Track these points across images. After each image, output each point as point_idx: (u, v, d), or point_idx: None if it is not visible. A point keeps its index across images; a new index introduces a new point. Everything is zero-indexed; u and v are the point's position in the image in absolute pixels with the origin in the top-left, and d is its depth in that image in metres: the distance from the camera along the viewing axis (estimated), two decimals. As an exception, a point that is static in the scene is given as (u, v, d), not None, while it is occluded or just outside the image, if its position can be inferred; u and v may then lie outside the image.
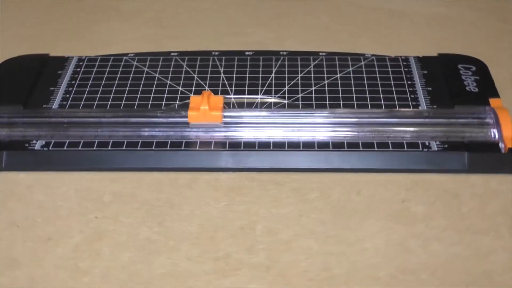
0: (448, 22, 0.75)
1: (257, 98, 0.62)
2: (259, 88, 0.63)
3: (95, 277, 0.49)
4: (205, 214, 0.54)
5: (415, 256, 0.50)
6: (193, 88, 0.64)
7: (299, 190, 0.55)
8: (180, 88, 0.64)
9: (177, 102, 0.62)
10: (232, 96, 0.62)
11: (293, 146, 0.57)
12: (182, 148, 0.57)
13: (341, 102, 0.61)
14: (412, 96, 0.62)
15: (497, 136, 0.57)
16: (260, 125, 0.58)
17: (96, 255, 0.51)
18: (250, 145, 0.57)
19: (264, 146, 0.57)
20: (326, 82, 0.64)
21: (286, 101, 0.62)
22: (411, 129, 0.58)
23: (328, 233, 0.52)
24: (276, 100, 0.62)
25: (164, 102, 0.62)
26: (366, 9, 0.78)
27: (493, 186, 0.55)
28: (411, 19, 0.76)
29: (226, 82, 0.64)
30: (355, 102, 0.61)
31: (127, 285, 0.48)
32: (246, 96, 0.63)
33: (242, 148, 0.57)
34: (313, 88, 0.63)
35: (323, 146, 0.57)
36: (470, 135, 0.57)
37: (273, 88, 0.63)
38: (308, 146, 0.57)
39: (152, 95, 0.63)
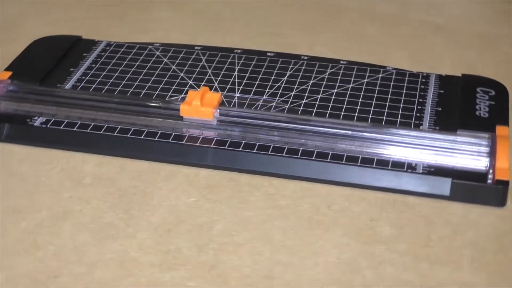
0: (490, 42, 0.71)
1: (259, 99, 0.62)
2: (267, 90, 0.63)
3: (47, 253, 0.51)
4: (172, 207, 0.54)
5: (361, 277, 0.48)
6: (203, 83, 0.64)
7: (273, 195, 0.55)
8: (190, 82, 0.64)
9: (181, 95, 0.62)
10: (233, 94, 0.62)
11: (278, 151, 0.57)
12: (170, 140, 0.58)
13: (342, 113, 0.60)
14: (417, 114, 0.60)
15: (489, 166, 0.54)
16: (250, 126, 0.58)
17: (55, 233, 0.52)
18: (236, 145, 0.57)
19: (249, 147, 0.57)
20: (335, 91, 0.63)
21: (286, 106, 0.61)
22: (398, 148, 0.56)
23: (284, 242, 0.51)
24: (277, 104, 0.61)
25: (169, 94, 0.63)
26: (412, 22, 0.75)
27: (471, 217, 0.53)
28: (454, 35, 0.73)
29: (236, 80, 0.64)
30: (356, 114, 0.60)
31: (73, 265, 0.50)
32: (244, 95, 0.62)
33: (227, 147, 0.57)
34: (319, 96, 0.62)
35: (306, 154, 0.56)
36: (461, 161, 0.55)
37: (280, 91, 0.63)
38: (293, 152, 0.56)
39: (161, 86, 0.64)
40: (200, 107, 0.58)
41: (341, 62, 0.66)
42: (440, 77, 0.64)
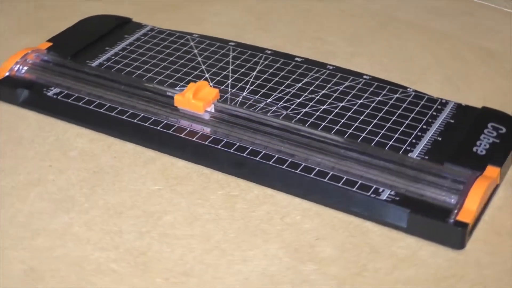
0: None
1: (261, 101, 0.62)
2: (275, 93, 0.62)
3: (6, 215, 0.53)
4: (134, 191, 0.55)
5: (275, 292, 0.47)
6: (218, 78, 0.65)
7: (234, 197, 0.55)
8: (207, 75, 0.65)
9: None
10: (240, 93, 0.62)
11: (254, 154, 0.56)
12: (158, 127, 0.59)
13: (336, 127, 0.58)
14: (413, 140, 0.57)
15: (455, 205, 0.51)
16: (236, 126, 0.58)
17: (21, 197, 0.55)
18: (217, 142, 0.57)
19: (229, 146, 0.57)
20: (342, 104, 0.61)
21: (284, 112, 0.60)
22: (369, 169, 0.54)
23: (220, 244, 0.51)
24: (277, 109, 0.61)
25: (181, 84, 0.64)
26: (462, 44, 0.71)
27: (420, 254, 0.50)
28: (503, 63, 0.68)
29: (251, 80, 0.64)
30: (350, 130, 0.58)
31: (19, 229, 0.52)
32: (251, 95, 0.62)
33: (207, 143, 0.58)
34: (323, 107, 0.61)
35: (279, 162, 0.55)
36: (430, 195, 0.52)
37: (287, 97, 0.62)
38: (267, 158, 0.56)
39: (178, 75, 0.65)
40: (191, 99, 0.59)
41: (364, 76, 0.64)
42: (458, 107, 0.60)
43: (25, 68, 0.66)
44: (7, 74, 0.65)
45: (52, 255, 0.50)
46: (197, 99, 0.59)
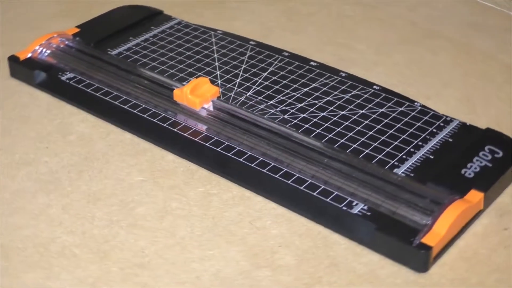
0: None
1: (262, 103, 0.61)
2: (279, 96, 0.62)
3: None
4: (118, 180, 0.56)
5: (221, 294, 0.47)
6: (228, 76, 0.65)
7: (211, 195, 0.55)
8: (218, 72, 0.65)
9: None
10: (245, 92, 0.62)
11: (238, 154, 0.56)
12: (155, 120, 0.60)
13: (329, 135, 0.57)
14: (404, 156, 0.55)
15: (424, 226, 0.49)
16: (228, 124, 0.58)
17: (11, 175, 0.57)
18: (206, 139, 0.58)
19: (217, 144, 0.57)
20: (342, 112, 0.60)
21: (282, 115, 0.60)
22: (346, 181, 0.53)
23: (183, 241, 0.51)
24: (276, 112, 0.60)
25: (189, 79, 0.64)
26: (496, 64, 0.68)
27: (379, 273, 0.48)
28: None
29: (259, 80, 0.64)
30: (342, 140, 0.57)
31: (3, 204, 0.54)
32: (255, 96, 0.62)
33: (197, 139, 0.58)
34: (322, 114, 0.60)
35: (262, 165, 0.55)
36: (403, 214, 0.50)
37: (290, 100, 0.62)
38: (251, 160, 0.56)
39: (190, 70, 0.66)
40: (188, 94, 0.59)
41: (374, 87, 0.63)
42: (462, 126, 0.58)
43: (48, 51, 0.68)
44: (29, 55, 0.67)
45: (22, 234, 0.52)
46: (194, 95, 0.59)
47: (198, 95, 0.59)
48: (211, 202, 0.54)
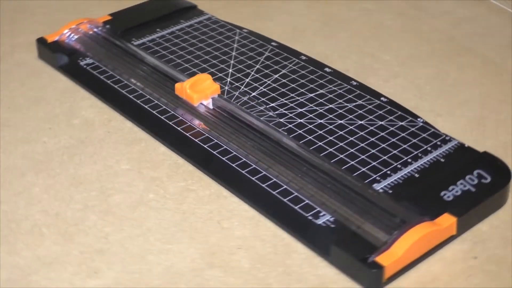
0: None
1: (262, 105, 0.61)
2: (282, 100, 0.62)
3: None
4: (105, 167, 0.57)
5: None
6: (238, 75, 0.65)
7: (190, 191, 0.55)
8: (230, 70, 0.66)
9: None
10: (251, 93, 0.62)
11: (223, 153, 0.56)
12: (155, 111, 0.61)
13: (320, 143, 0.57)
14: (388, 172, 0.54)
15: (382, 245, 0.48)
16: (223, 123, 0.58)
17: (9, 152, 0.59)
18: (197, 135, 0.58)
19: (205, 141, 0.57)
20: (340, 121, 0.59)
21: (278, 119, 0.59)
22: (319, 192, 0.52)
23: (147, 232, 0.51)
24: (271, 114, 0.60)
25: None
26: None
27: (330, 287, 0.47)
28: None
29: (267, 81, 0.64)
30: (330, 149, 0.56)
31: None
32: (260, 97, 0.62)
33: (188, 134, 0.58)
34: (319, 121, 0.59)
35: (243, 166, 0.55)
36: (367, 229, 0.49)
37: (291, 104, 0.61)
38: (235, 159, 0.56)
39: (204, 65, 0.66)
40: (187, 89, 0.60)
41: (381, 98, 0.62)
42: (459, 147, 0.56)
43: (76, 36, 0.70)
44: (56, 38, 0.69)
45: (0, 208, 0.54)
46: (193, 91, 0.60)
47: (196, 91, 0.60)
48: (187, 198, 0.54)
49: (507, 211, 0.53)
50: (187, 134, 0.58)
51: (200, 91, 0.60)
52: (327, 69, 0.65)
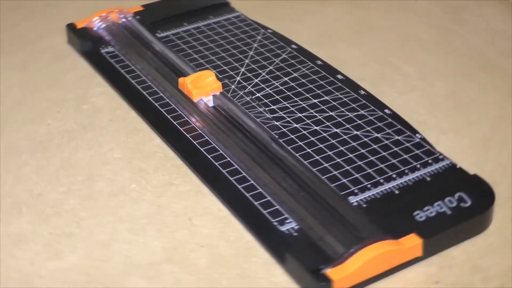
0: None
1: (261, 107, 0.61)
2: (284, 103, 0.61)
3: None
4: (97, 154, 0.58)
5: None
6: (249, 74, 0.65)
7: (171, 185, 0.55)
8: (243, 69, 0.66)
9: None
10: (256, 93, 0.62)
11: (210, 151, 0.56)
12: (157, 103, 0.62)
13: (308, 150, 0.56)
14: (368, 185, 0.53)
15: (337, 259, 0.47)
16: (216, 120, 0.59)
17: (8, 128, 0.61)
18: (190, 131, 0.59)
19: (196, 137, 0.58)
20: (335, 130, 0.58)
21: (273, 122, 0.59)
22: (291, 199, 0.51)
23: (117, 221, 0.52)
24: (268, 115, 0.60)
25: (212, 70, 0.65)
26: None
27: (277, 295, 0.47)
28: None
29: (276, 83, 0.64)
30: (317, 157, 0.55)
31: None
32: (259, 94, 0.62)
33: (182, 129, 0.59)
34: (314, 127, 0.58)
35: (224, 165, 0.55)
36: (329, 241, 0.48)
37: (292, 109, 0.60)
38: (217, 158, 0.56)
39: (218, 62, 0.66)
40: (188, 84, 0.60)
41: (385, 110, 0.60)
42: (450, 167, 0.54)
43: (104, 24, 0.71)
44: (85, 25, 0.71)
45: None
46: (194, 86, 0.60)
47: (197, 87, 0.60)
48: (167, 192, 0.55)
49: (486, 238, 0.51)
50: (181, 129, 0.59)
51: (201, 87, 0.60)
52: (339, 76, 0.64)
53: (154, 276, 0.48)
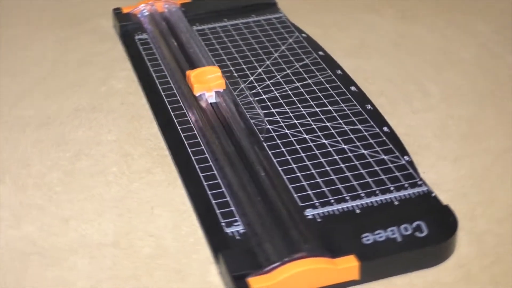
0: None
1: (261, 108, 0.61)
2: (285, 108, 0.61)
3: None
4: (94, 135, 0.60)
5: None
6: (264, 75, 0.65)
7: (150, 173, 0.56)
8: (260, 70, 0.66)
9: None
10: (262, 96, 0.62)
11: (193, 145, 0.57)
12: (164, 93, 0.63)
13: (288, 157, 0.56)
14: (332, 201, 0.52)
15: (267, 268, 0.46)
16: (211, 117, 0.59)
17: (29, 100, 0.64)
18: (184, 123, 0.60)
19: (186, 130, 0.59)
20: (323, 141, 0.57)
21: (266, 126, 0.59)
22: (249, 204, 0.51)
23: (86, 200, 0.54)
24: (263, 118, 0.60)
25: (230, 68, 0.66)
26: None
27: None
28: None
29: (285, 88, 0.63)
30: (294, 165, 0.55)
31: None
32: (264, 96, 0.62)
33: (177, 120, 0.60)
34: (304, 136, 0.58)
35: (200, 161, 0.56)
36: (266, 249, 0.48)
37: (291, 114, 0.60)
38: (197, 153, 0.56)
39: (239, 60, 0.67)
40: (191, 77, 0.61)
41: (383, 128, 0.58)
42: (425, 194, 0.52)
43: (147, 12, 0.73)
44: (130, 11, 0.74)
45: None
46: (196, 80, 0.61)
47: (199, 81, 0.61)
48: (142, 179, 0.56)
49: (438, 272, 0.48)
50: (175, 120, 0.60)
51: (203, 82, 0.61)
52: (352, 88, 0.63)
53: (95, 257, 0.50)
